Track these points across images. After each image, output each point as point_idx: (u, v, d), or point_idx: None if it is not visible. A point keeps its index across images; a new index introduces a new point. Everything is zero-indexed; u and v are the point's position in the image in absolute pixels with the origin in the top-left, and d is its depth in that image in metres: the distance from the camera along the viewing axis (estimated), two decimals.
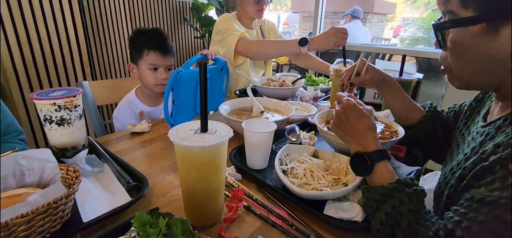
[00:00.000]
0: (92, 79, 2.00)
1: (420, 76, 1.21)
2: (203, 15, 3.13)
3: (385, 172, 0.58)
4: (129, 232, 0.45)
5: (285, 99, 1.34)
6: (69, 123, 0.75)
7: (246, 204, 0.63)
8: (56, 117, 0.73)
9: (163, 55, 1.18)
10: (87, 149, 0.78)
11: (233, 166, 0.76)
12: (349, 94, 0.73)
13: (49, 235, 0.51)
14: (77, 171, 0.60)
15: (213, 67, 1.03)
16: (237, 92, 1.47)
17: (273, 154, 0.79)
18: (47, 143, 0.79)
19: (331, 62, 1.44)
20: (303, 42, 1.34)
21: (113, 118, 1.25)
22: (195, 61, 0.93)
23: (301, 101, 1.35)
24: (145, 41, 1.17)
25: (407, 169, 0.77)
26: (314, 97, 1.39)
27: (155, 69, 1.19)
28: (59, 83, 1.83)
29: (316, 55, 1.78)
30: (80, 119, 0.78)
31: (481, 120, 0.63)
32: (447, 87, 2.12)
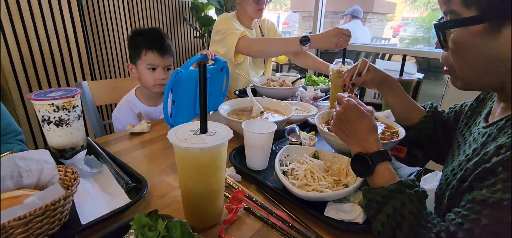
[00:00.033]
0: (91, 79, 1.99)
1: (420, 76, 1.20)
2: (203, 14, 3.12)
3: (386, 173, 0.58)
4: (128, 234, 0.45)
5: (285, 99, 1.34)
6: (68, 123, 0.74)
7: (246, 205, 0.63)
8: (54, 117, 0.72)
9: (161, 55, 1.17)
10: (86, 150, 0.77)
11: (232, 167, 0.76)
12: (349, 94, 0.73)
13: None
14: (75, 173, 0.60)
15: (213, 67, 1.03)
16: (237, 92, 1.47)
17: (273, 154, 0.78)
18: (46, 143, 0.79)
19: (331, 62, 1.43)
20: (305, 40, 1.33)
21: (112, 118, 1.25)
22: (195, 61, 0.93)
23: (301, 101, 1.35)
24: (143, 41, 1.17)
25: (408, 170, 0.77)
26: (314, 97, 1.39)
27: (153, 69, 1.19)
28: (58, 83, 1.82)
29: (315, 55, 1.78)
30: (78, 119, 0.77)
31: (482, 120, 0.63)
32: (447, 87, 2.12)
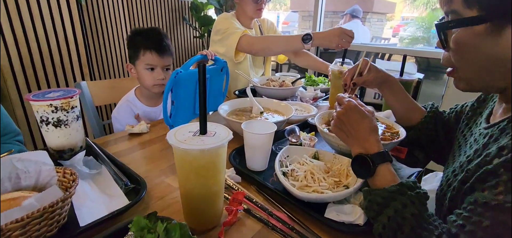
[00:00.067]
0: (90, 79, 1.98)
1: (420, 76, 1.20)
2: (202, 14, 3.11)
3: (387, 174, 0.57)
4: (127, 236, 0.45)
5: (285, 99, 1.33)
6: (66, 124, 0.74)
7: (246, 207, 0.62)
8: (52, 118, 0.72)
9: (160, 55, 1.17)
10: (85, 151, 0.77)
11: (232, 168, 0.75)
12: (350, 95, 0.72)
13: None
14: (74, 174, 0.59)
15: (213, 68, 1.02)
16: (237, 92, 1.46)
17: (273, 155, 0.78)
18: (45, 144, 0.78)
19: (331, 62, 1.42)
20: (307, 38, 1.32)
21: (112, 118, 1.24)
22: (195, 61, 0.92)
23: (301, 101, 1.34)
24: (142, 41, 1.16)
25: (408, 170, 0.76)
26: (314, 97, 1.38)
27: (152, 69, 1.18)
28: (57, 83, 1.81)
29: (315, 55, 1.77)
30: (77, 120, 0.77)
31: (483, 121, 0.62)
32: (447, 87, 2.11)
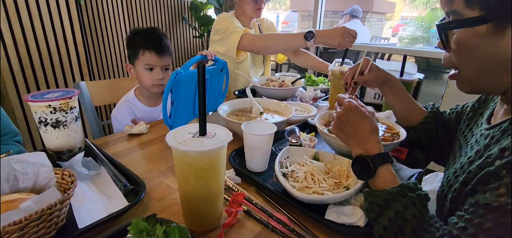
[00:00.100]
0: (89, 79, 1.98)
1: (421, 76, 1.20)
2: (202, 14, 3.11)
3: (388, 176, 0.57)
4: None
5: (285, 100, 1.33)
6: (65, 125, 0.73)
7: (245, 208, 0.62)
8: (51, 119, 0.71)
9: (159, 55, 1.16)
10: (84, 151, 0.76)
11: (232, 168, 0.75)
12: (350, 95, 0.72)
13: None
14: (72, 176, 0.59)
15: (213, 68, 1.02)
16: (236, 92, 1.46)
17: (273, 156, 0.77)
18: (44, 145, 0.78)
19: (331, 62, 1.42)
20: (309, 35, 1.31)
21: (111, 118, 1.24)
22: (195, 61, 0.92)
23: (301, 101, 1.34)
24: (141, 41, 1.16)
25: (409, 171, 0.76)
26: (313, 97, 1.38)
27: (151, 69, 1.18)
28: (56, 83, 1.81)
29: (315, 54, 1.77)
30: (76, 121, 0.76)
31: (484, 122, 0.62)
32: (447, 87, 2.11)
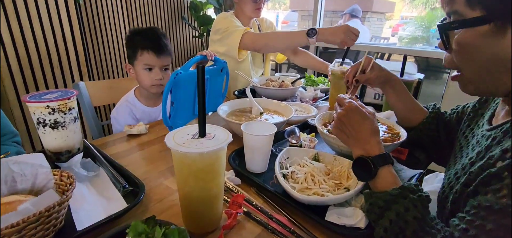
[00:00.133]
0: (89, 79, 1.97)
1: (421, 76, 1.19)
2: (201, 14, 3.11)
3: (388, 177, 0.57)
4: None
5: (285, 100, 1.33)
6: (64, 126, 0.73)
7: (245, 209, 0.62)
8: (49, 120, 0.71)
9: (158, 55, 1.16)
10: (82, 152, 0.76)
11: (232, 170, 0.74)
12: (350, 96, 0.72)
13: None
14: (71, 177, 0.58)
15: (213, 68, 1.02)
16: (236, 92, 1.45)
17: (273, 157, 0.77)
18: (43, 146, 0.77)
19: (331, 61, 1.42)
20: (312, 33, 1.30)
21: (111, 118, 1.23)
22: (195, 62, 0.91)
23: (301, 102, 1.33)
24: (140, 41, 1.15)
25: (409, 172, 0.76)
26: (313, 97, 1.37)
27: (150, 69, 1.17)
28: (55, 83, 1.80)
29: (315, 54, 1.76)
30: (75, 122, 0.76)
31: (486, 123, 0.61)
32: (447, 87, 2.11)
